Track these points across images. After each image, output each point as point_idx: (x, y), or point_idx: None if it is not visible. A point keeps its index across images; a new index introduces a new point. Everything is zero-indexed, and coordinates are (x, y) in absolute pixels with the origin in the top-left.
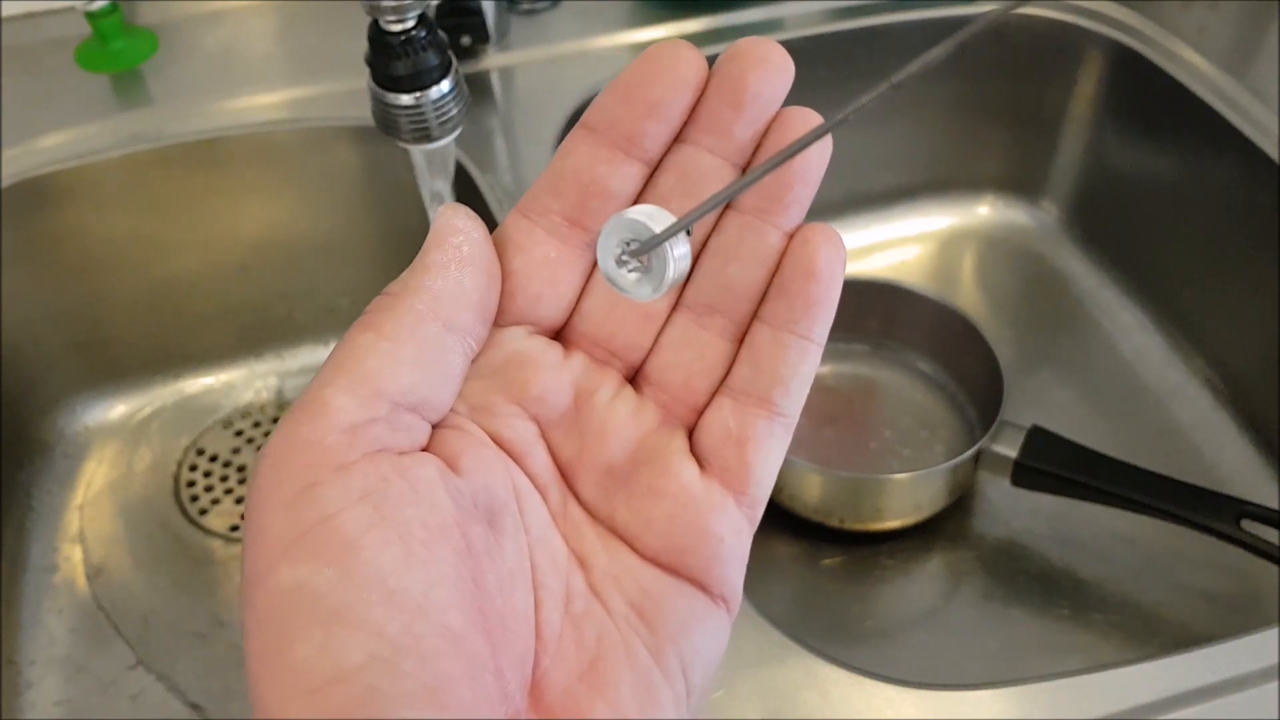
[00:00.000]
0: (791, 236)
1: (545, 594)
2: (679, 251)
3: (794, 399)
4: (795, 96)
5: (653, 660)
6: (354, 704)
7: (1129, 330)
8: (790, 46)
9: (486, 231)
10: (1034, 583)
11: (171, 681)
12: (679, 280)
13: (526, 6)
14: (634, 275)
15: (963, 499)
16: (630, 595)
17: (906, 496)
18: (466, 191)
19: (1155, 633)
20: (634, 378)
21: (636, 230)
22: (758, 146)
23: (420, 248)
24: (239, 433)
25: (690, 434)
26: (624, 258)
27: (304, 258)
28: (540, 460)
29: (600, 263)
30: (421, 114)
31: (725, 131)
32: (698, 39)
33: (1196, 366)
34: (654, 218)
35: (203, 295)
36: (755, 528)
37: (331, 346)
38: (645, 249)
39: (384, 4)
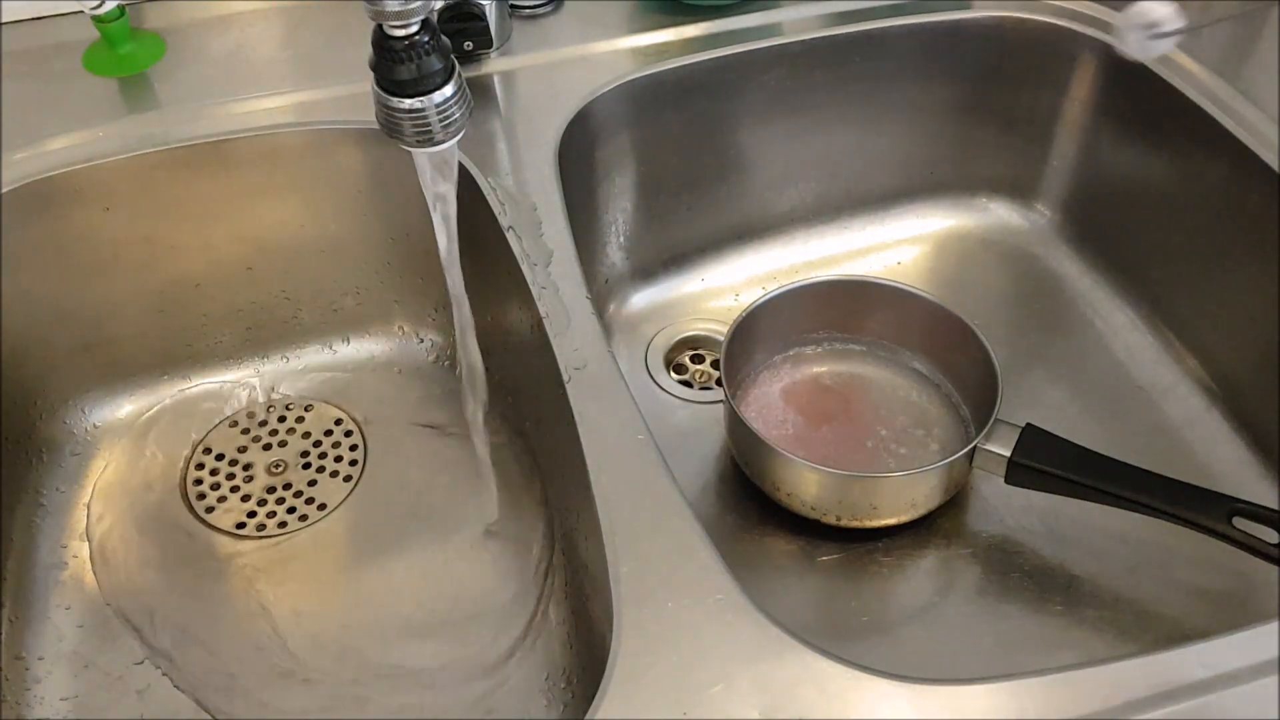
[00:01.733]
0: None
1: None
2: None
3: None
4: (794, 100)
5: None
6: None
7: (1121, 330)
8: (787, 51)
9: None
10: (1028, 579)
11: (178, 677)
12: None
13: (528, 11)
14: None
15: (957, 496)
16: None
17: (902, 494)
18: (469, 194)
19: (1147, 628)
20: None
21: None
22: None
23: (423, 249)
24: (245, 431)
25: None
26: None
27: (309, 259)
28: None
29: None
30: (425, 118)
31: None
32: (697, 43)
33: (1188, 366)
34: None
35: (209, 296)
36: None
37: (336, 347)
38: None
39: (388, 9)
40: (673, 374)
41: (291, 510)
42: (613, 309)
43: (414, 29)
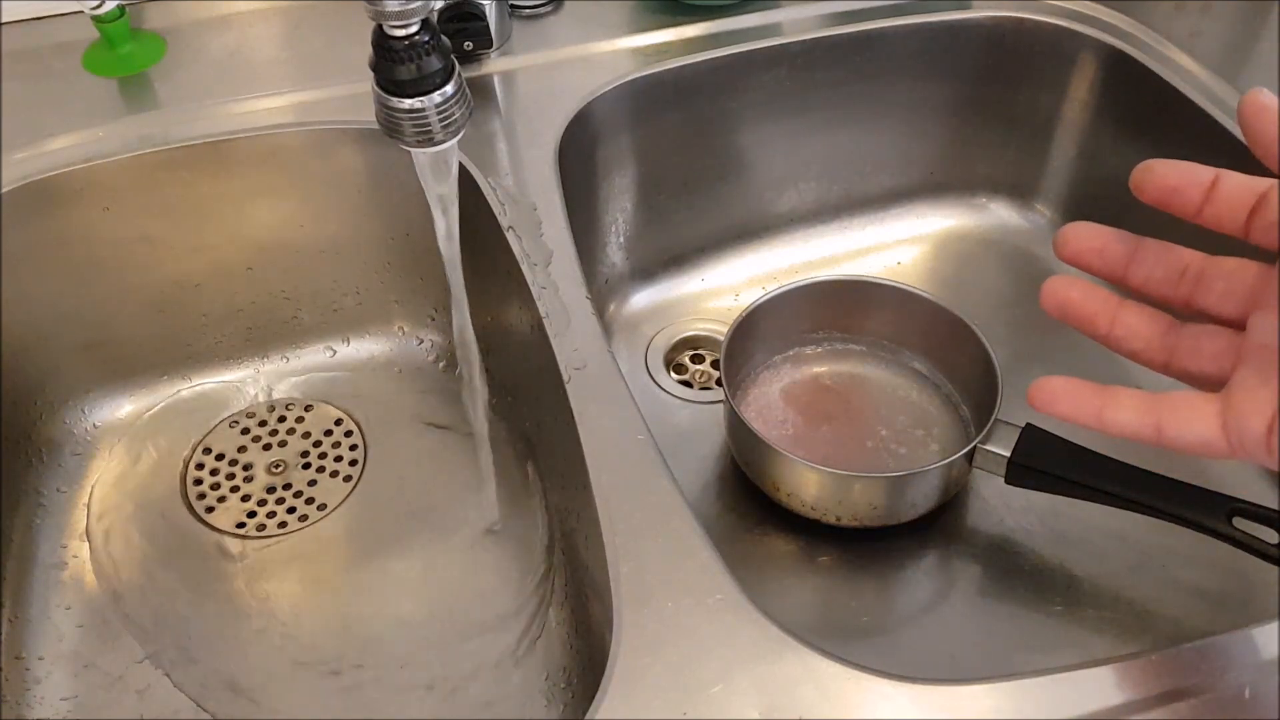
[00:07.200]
0: None
1: None
2: None
3: None
4: (794, 100)
5: None
6: None
7: None
8: (787, 51)
9: None
10: (1028, 579)
11: (178, 677)
12: None
13: (528, 11)
14: None
15: (957, 497)
16: None
17: (902, 494)
18: (469, 194)
19: (1147, 629)
20: None
21: None
22: None
23: (423, 249)
24: (245, 431)
25: None
26: None
27: (309, 259)
28: None
29: None
30: (425, 118)
31: None
32: (697, 43)
33: None
34: None
35: (209, 296)
36: None
37: (336, 347)
38: None
39: (388, 9)
40: (673, 374)
41: (291, 510)
42: (613, 309)
43: (414, 29)
